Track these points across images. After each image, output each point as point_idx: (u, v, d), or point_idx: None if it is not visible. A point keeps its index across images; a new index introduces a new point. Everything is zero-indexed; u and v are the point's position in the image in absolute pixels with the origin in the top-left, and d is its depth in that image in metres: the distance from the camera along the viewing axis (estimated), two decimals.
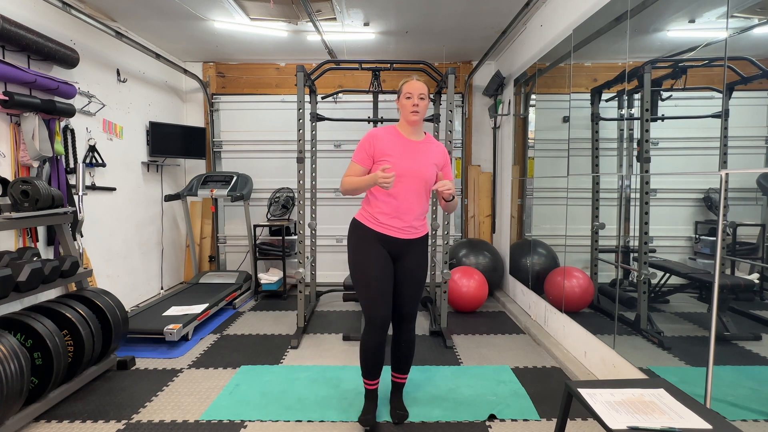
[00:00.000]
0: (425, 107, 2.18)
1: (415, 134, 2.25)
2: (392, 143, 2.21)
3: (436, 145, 2.31)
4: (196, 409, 2.43)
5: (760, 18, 1.67)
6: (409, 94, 2.16)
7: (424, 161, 2.21)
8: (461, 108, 5.34)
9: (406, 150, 2.21)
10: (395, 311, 2.32)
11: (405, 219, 2.21)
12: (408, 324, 2.34)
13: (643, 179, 2.29)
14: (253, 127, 5.37)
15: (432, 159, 2.24)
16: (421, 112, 2.17)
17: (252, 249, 4.85)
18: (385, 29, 4.24)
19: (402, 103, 2.20)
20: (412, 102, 2.15)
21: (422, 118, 2.21)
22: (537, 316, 3.76)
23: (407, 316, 2.33)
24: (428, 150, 2.26)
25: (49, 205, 2.67)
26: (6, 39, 2.75)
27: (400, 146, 2.21)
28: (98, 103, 3.75)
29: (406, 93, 2.17)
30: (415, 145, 2.24)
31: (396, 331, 2.37)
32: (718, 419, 1.41)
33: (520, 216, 4.32)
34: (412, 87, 2.16)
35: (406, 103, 2.18)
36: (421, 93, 2.16)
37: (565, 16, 3.23)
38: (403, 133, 2.25)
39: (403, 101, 2.19)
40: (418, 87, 2.16)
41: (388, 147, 2.20)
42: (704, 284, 1.98)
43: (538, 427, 2.27)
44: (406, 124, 2.23)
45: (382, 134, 2.23)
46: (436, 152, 2.28)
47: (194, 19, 3.97)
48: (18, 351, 2.04)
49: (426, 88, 2.19)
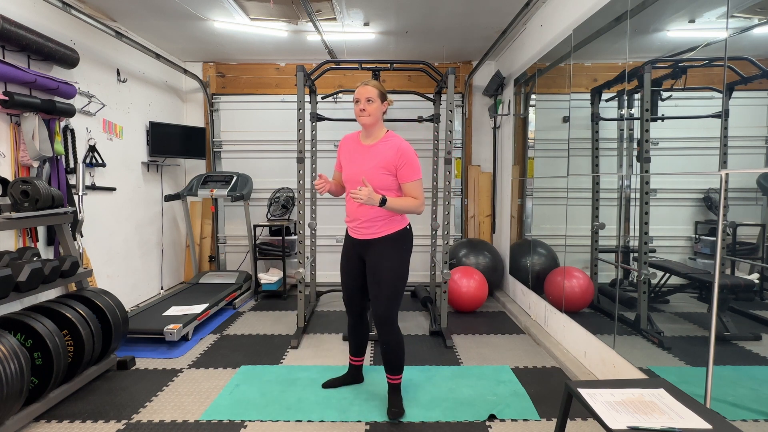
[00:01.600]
0: (375, 110, 2.26)
1: (368, 137, 2.34)
2: (347, 149, 2.38)
3: (391, 145, 2.27)
4: (196, 409, 2.43)
5: (760, 18, 1.67)
6: (357, 98, 2.26)
7: (367, 164, 2.26)
8: (461, 108, 5.34)
9: (356, 155, 2.33)
10: (372, 312, 2.39)
11: (358, 221, 2.34)
12: (384, 324, 2.32)
13: (643, 179, 2.29)
14: (253, 127, 5.37)
15: (377, 161, 2.25)
16: (371, 115, 2.25)
17: (252, 249, 4.85)
18: (385, 29, 4.24)
19: (354, 108, 2.29)
20: (359, 107, 2.26)
21: (375, 121, 2.28)
22: (537, 316, 3.76)
23: (381, 315, 2.31)
24: (376, 152, 2.27)
25: (49, 205, 2.67)
26: (6, 39, 2.75)
27: (352, 152, 2.35)
28: (98, 103, 3.75)
29: (355, 98, 2.28)
30: (365, 149, 2.32)
31: (379, 333, 2.38)
32: (718, 419, 1.41)
33: (520, 216, 4.32)
34: (359, 92, 2.27)
35: (355, 108, 2.28)
36: (368, 97, 2.24)
37: (565, 16, 3.23)
38: (360, 138, 2.37)
39: (354, 106, 2.29)
40: (364, 92, 2.25)
41: (343, 153, 2.40)
42: (704, 284, 1.98)
43: (538, 427, 2.27)
44: (361, 127, 2.34)
45: (345, 141, 2.43)
46: (388, 153, 2.25)
47: (194, 19, 3.97)
48: (18, 351, 2.04)
49: (375, 92, 2.26)
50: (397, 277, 2.31)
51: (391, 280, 2.29)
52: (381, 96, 2.28)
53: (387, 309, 2.31)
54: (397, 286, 2.31)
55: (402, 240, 2.34)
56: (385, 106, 2.32)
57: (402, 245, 2.33)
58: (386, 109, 2.34)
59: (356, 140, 2.38)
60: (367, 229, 2.32)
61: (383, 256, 2.30)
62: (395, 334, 2.35)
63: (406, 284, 2.38)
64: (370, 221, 2.30)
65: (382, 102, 2.28)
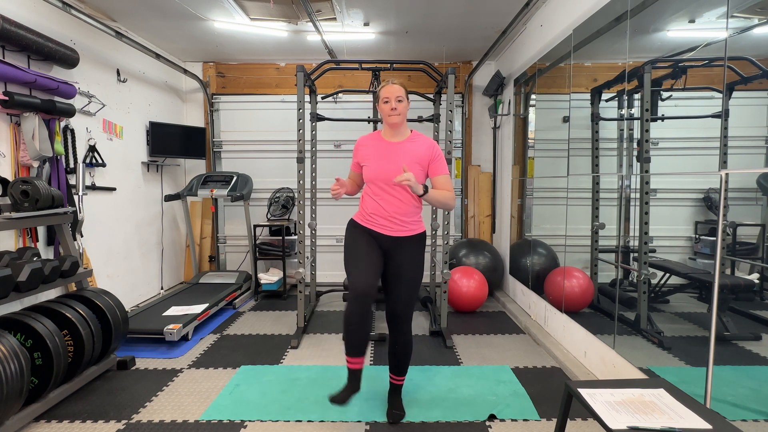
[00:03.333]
0: (404, 109, 2.26)
1: (395, 135, 2.33)
2: (371, 148, 2.34)
3: (421, 141, 2.30)
4: (196, 409, 2.43)
5: (760, 18, 1.67)
6: (387, 98, 2.24)
7: (403, 160, 2.25)
8: (461, 108, 5.34)
9: (384, 152, 2.30)
10: (389, 312, 2.35)
11: (387, 217, 2.28)
12: (401, 324, 2.33)
13: (643, 179, 2.29)
14: (253, 127, 5.37)
15: (411, 157, 2.26)
16: (401, 114, 2.25)
17: (252, 249, 4.85)
18: (385, 29, 4.24)
19: (381, 107, 2.28)
20: (390, 106, 2.24)
21: (403, 120, 2.28)
22: (537, 316, 3.76)
23: (400, 315, 2.32)
24: (408, 149, 2.28)
25: (49, 205, 2.67)
26: (6, 39, 2.75)
27: (378, 149, 2.32)
28: (98, 103, 3.75)
29: (384, 98, 2.26)
30: (394, 146, 2.31)
31: (391, 333, 2.37)
32: (718, 419, 1.41)
33: (520, 216, 4.32)
34: (388, 91, 2.25)
35: (384, 107, 2.26)
36: (398, 96, 2.23)
37: (565, 16, 3.23)
38: (384, 136, 2.36)
39: (382, 105, 2.27)
40: (395, 90, 2.24)
41: (367, 152, 2.34)
42: (704, 284, 1.98)
43: (538, 427, 2.27)
44: (387, 127, 2.33)
45: (365, 141, 2.39)
46: (419, 149, 2.27)
47: (194, 19, 3.97)
48: (18, 351, 2.04)
49: (403, 91, 2.26)
50: (420, 277, 2.35)
51: (415, 280, 2.32)
52: (407, 95, 2.30)
53: (408, 308, 2.33)
54: (419, 287, 2.36)
55: (425, 241, 2.38)
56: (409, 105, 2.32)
57: (424, 246, 2.37)
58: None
59: (379, 139, 2.35)
60: (400, 226, 2.27)
61: (412, 255, 2.30)
62: (411, 334, 2.38)
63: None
64: (402, 216, 2.26)
65: (407, 101, 2.29)
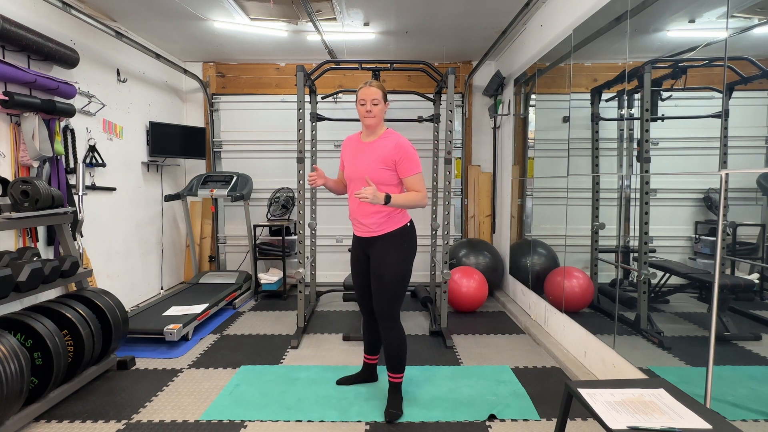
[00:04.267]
0: (380, 111, 2.35)
1: (369, 135, 2.42)
2: (349, 148, 2.47)
3: (389, 141, 2.34)
4: (196, 409, 2.43)
5: (760, 18, 1.67)
6: (363, 100, 2.34)
7: (367, 160, 2.33)
8: (461, 108, 5.34)
9: (357, 152, 2.41)
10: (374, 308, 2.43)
11: (359, 218, 2.39)
12: (381, 320, 2.39)
13: (643, 179, 2.29)
14: (253, 127, 5.37)
15: (376, 156, 2.31)
16: (376, 117, 2.34)
17: (252, 249, 4.85)
18: (385, 29, 4.24)
19: (358, 108, 2.38)
20: (365, 108, 2.33)
21: (378, 122, 2.37)
22: (537, 316, 3.76)
23: (377, 312, 2.39)
24: (375, 148, 2.34)
25: (49, 205, 2.67)
26: (6, 39, 2.75)
27: (353, 150, 2.43)
28: (98, 103, 3.75)
29: (360, 99, 2.35)
30: (365, 145, 2.40)
31: (380, 329, 2.44)
32: (718, 419, 1.41)
33: (520, 216, 4.32)
34: (365, 93, 2.34)
35: (360, 109, 2.36)
36: (374, 99, 2.33)
37: (565, 16, 3.23)
38: (361, 137, 2.46)
39: (358, 107, 2.37)
40: (371, 93, 2.33)
41: (345, 153, 2.48)
42: (704, 284, 1.98)
43: (538, 427, 2.27)
44: (363, 127, 2.41)
45: (347, 141, 2.52)
46: (384, 149, 2.32)
47: (194, 19, 3.97)
48: (18, 351, 2.04)
49: (380, 93, 2.35)
50: (396, 274, 2.34)
51: (391, 277, 2.33)
52: (384, 97, 2.37)
53: (387, 305, 2.36)
54: (398, 284, 2.35)
55: (403, 238, 2.37)
56: (387, 107, 2.40)
57: (403, 243, 2.37)
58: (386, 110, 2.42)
59: (357, 140, 2.46)
60: (368, 227, 2.37)
61: (384, 253, 2.34)
62: (396, 330, 2.39)
63: (408, 282, 2.40)
64: (370, 218, 2.35)
65: (384, 103, 2.37)
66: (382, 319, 2.38)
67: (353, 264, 2.54)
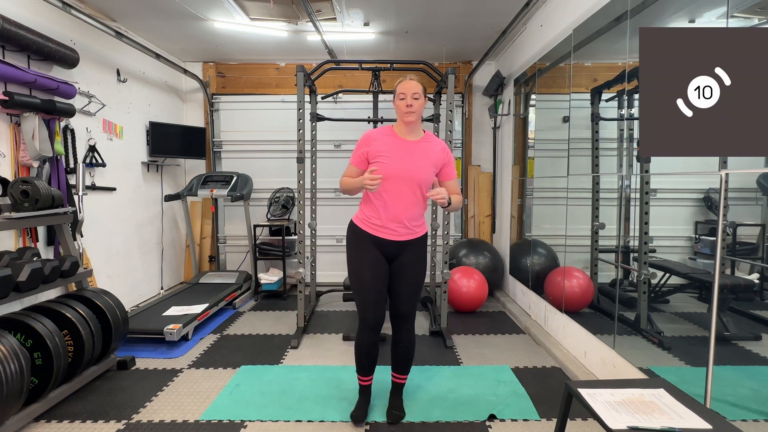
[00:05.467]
0: (420, 106, 2.16)
1: (411, 134, 2.22)
2: (387, 144, 2.20)
3: (436, 143, 2.26)
4: (196, 409, 2.43)
5: (760, 18, 1.67)
6: (403, 94, 2.15)
7: (420, 161, 2.18)
8: (461, 108, 5.34)
9: (401, 150, 2.19)
10: (392, 311, 2.34)
11: (397, 220, 2.20)
12: (405, 324, 2.33)
13: (643, 179, 2.29)
14: (253, 127, 5.37)
15: (429, 159, 2.20)
16: (416, 112, 2.15)
17: (252, 249, 4.85)
18: (385, 29, 4.24)
19: (397, 104, 2.18)
20: (405, 102, 2.14)
21: (418, 118, 2.19)
22: (537, 316, 3.76)
23: (404, 315, 2.32)
24: (425, 149, 2.21)
25: (49, 205, 2.67)
26: (6, 39, 2.75)
27: (394, 146, 2.19)
28: (98, 103, 3.75)
29: (400, 93, 2.16)
30: (411, 144, 2.21)
31: (395, 331, 2.36)
32: (718, 419, 1.41)
33: (520, 216, 4.32)
34: (405, 87, 2.15)
35: (400, 103, 2.16)
36: (414, 93, 2.13)
37: (565, 16, 3.23)
38: (399, 133, 2.23)
39: (398, 102, 2.17)
40: (411, 87, 2.14)
41: (382, 148, 2.19)
42: (704, 284, 1.98)
43: (538, 427, 2.27)
44: (402, 124, 2.21)
45: (377, 135, 2.23)
46: (435, 151, 2.23)
47: (194, 19, 3.97)
48: (18, 351, 2.04)
49: (421, 87, 2.16)
50: (423, 276, 2.35)
51: (419, 280, 2.32)
52: (424, 92, 2.19)
53: (412, 308, 2.34)
54: (422, 286, 2.37)
55: (427, 241, 2.37)
56: (426, 104, 2.23)
57: (427, 246, 2.37)
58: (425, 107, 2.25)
59: (393, 135, 2.23)
60: (408, 230, 2.23)
61: (418, 256, 2.30)
62: (413, 332, 2.38)
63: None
64: (411, 221, 2.23)
65: (424, 98, 2.20)
66: (406, 321, 2.33)
67: (373, 269, 2.22)
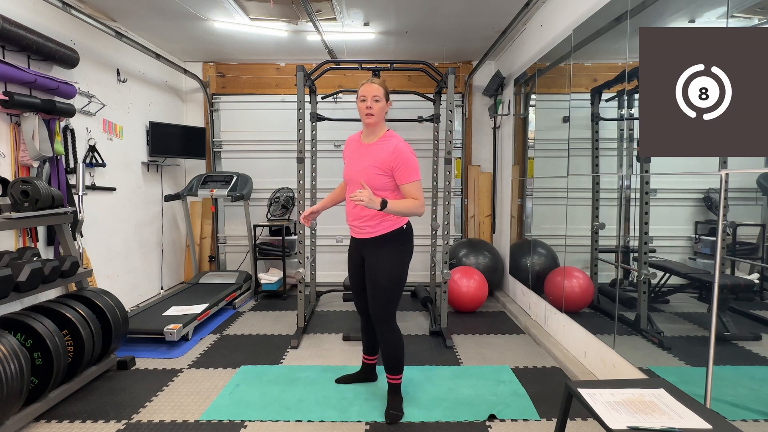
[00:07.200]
0: (381, 109, 2.24)
1: (369, 136, 2.32)
2: (351, 147, 2.38)
3: (387, 145, 2.23)
4: (196, 409, 2.43)
5: (760, 18, 1.67)
6: (364, 97, 2.23)
7: (363, 164, 2.25)
8: (461, 108, 5.34)
9: (356, 153, 2.33)
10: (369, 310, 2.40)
11: (354, 221, 2.35)
12: (377, 324, 2.36)
13: (643, 179, 2.29)
14: (253, 127, 5.37)
15: (373, 161, 2.22)
16: (376, 115, 2.23)
17: (252, 249, 4.85)
18: (385, 29, 4.24)
19: (358, 106, 2.27)
20: (365, 105, 2.22)
21: (378, 120, 2.26)
22: (537, 316, 3.76)
23: (373, 316, 2.36)
24: (373, 151, 2.25)
25: (49, 205, 2.67)
26: (6, 39, 2.75)
27: (354, 150, 2.35)
28: (98, 103, 3.75)
29: (361, 96, 2.24)
30: (365, 147, 2.30)
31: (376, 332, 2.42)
32: (718, 419, 1.41)
33: (520, 216, 4.32)
34: (366, 90, 2.24)
35: (360, 105, 2.25)
36: (375, 95, 2.22)
37: (565, 16, 3.23)
38: (361, 137, 2.35)
39: (359, 104, 2.25)
40: (372, 90, 2.23)
41: (347, 152, 2.39)
42: (704, 284, 1.98)
43: (538, 427, 2.27)
44: (364, 126, 2.31)
45: (349, 139, 2.43)
46: (383, 153, 2.21)
47: (194, 19, 3.97)
48: (18, 351, 2.04)
49: (382, 90, 2.24)
50: (390, 277, 2.29)
51: (385, 280, 2.28)
52: (386, 95, 2.26)
53: (382, 308, 2.32)
54: (392, 287, 2.30)
55: (398, 240, 2.30)
56: (388, 106, 2.30)
57: (398, 245, 2.31)
58: (388, 109, 2.33)
59: (358, 140, 2.38)
60: (362, 229, 2.32)
61: (378, 256, 2.30)
62: (392, 333, 2.35)
63: (403, 284, 2.36)
64: (364, 221, 2.30)
65: (386, 101, 2.27)
66: (378, 322, 2.34)
67: (350, 266, 2.52)
